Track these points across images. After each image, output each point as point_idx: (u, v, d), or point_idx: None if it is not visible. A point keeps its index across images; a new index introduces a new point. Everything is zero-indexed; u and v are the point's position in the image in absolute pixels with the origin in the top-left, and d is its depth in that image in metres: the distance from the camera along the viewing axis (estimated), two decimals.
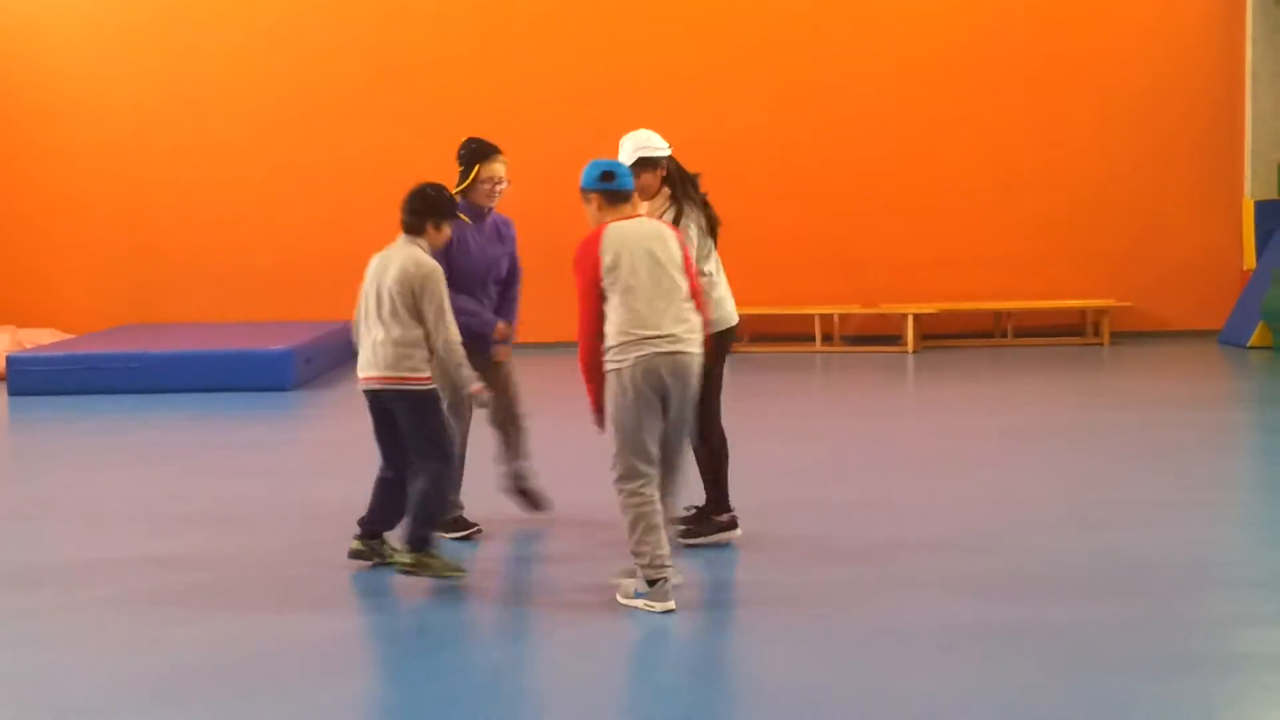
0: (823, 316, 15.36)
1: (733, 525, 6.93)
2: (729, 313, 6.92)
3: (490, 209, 7.33)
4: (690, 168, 6.91)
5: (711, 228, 6.85)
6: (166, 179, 15.99)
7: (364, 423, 6.59)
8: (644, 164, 6.61)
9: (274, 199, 15.94)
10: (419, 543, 6.36)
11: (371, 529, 6.66)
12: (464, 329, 6.53)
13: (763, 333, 15.32)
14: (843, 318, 15.63)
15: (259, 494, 8.46)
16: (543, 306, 11.45)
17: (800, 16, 15.89)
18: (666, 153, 6.73)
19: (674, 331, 5.94)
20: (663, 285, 5.98)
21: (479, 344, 7.06)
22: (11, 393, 12.88)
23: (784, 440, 9.76)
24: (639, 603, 5.88)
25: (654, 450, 5.94)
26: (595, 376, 6.03)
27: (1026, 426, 10.35)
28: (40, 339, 14.86)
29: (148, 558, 6.99)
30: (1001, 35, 15.86)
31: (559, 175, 15.36)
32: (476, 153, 7.17)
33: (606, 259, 5.96)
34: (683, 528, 6.56)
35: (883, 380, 13.20)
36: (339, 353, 14.47)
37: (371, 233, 7.44)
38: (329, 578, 6.53)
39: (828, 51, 15.87)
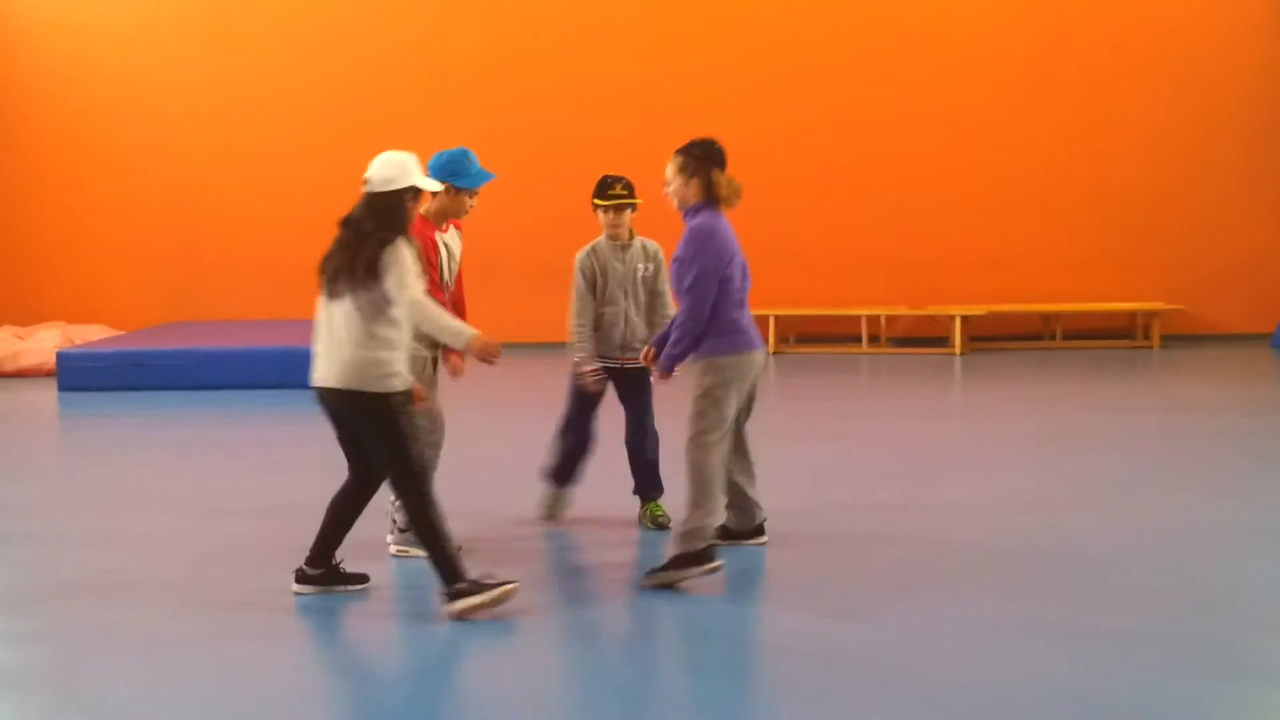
0: (870, 318, 15.30)
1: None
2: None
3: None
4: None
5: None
6: (214, 178, 16.10)
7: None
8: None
9: (320, 199, 15.88)
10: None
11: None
12: None
13: (809, 334, 15.28)
14: (890, 319, 15.57)
15: (303, 489, 8.48)
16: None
17: (847, 18, 15.85)
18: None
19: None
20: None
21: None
22: (62, 388, 12.99)
23: (828, 441, 9.71)
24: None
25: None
26: None
27: (1074, 430, 10.26)
28: (90, 335, 14.99)
29: (193, 552, 7.02)
30: (1050, 37, 15.77)
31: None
32: None
33: None
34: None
35: (930, 382, 13.13)
36: None
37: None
38: (368, 571, 6.54)
39: (874, 54, 15.83)
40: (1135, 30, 15.76)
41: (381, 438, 5.89)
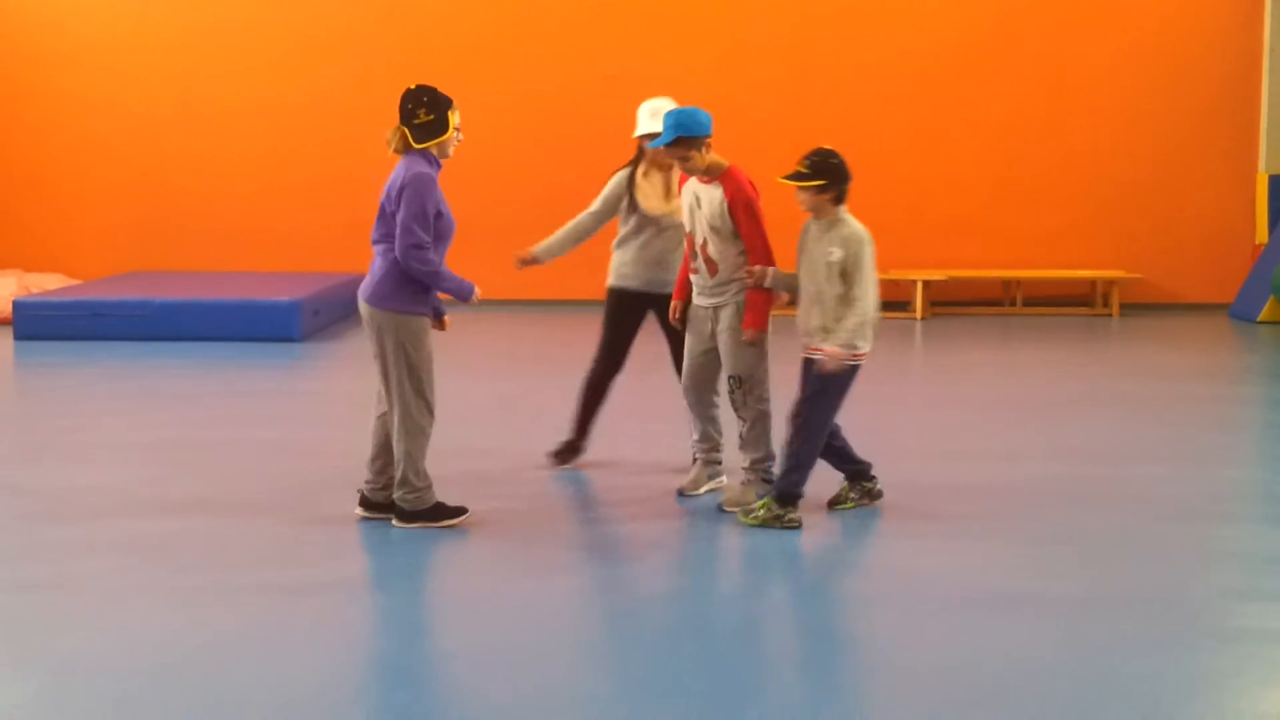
0: None
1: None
2: None
3: None
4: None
5: None
6: (176, 126, 15.94)
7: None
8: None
9: (285, 149, 15.89)
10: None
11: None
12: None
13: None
14: None
15: (262, 443, 8.45)
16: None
17: None
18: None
19: None
20: None
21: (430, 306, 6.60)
22: (18, 337, 12.88)
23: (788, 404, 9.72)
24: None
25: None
26: None
27: (1032, 396, 10.31)
28: (47, 284, 14.85)
29: (148, 503, 6.99)
30: (1015, 5, 15.75)
31: (560, 127, 15.39)
32: (447, 101, 6.43)
33: None
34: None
35: (890, 347, 13.14)
36: (347, 305, 14.43)
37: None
38: (330, 527, 6.53)
39: (843, 16, 15.78)
40: (1102, 1, 15.75)
41: None
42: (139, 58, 15.92)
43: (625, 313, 7.64)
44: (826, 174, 6.70)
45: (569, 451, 7.78)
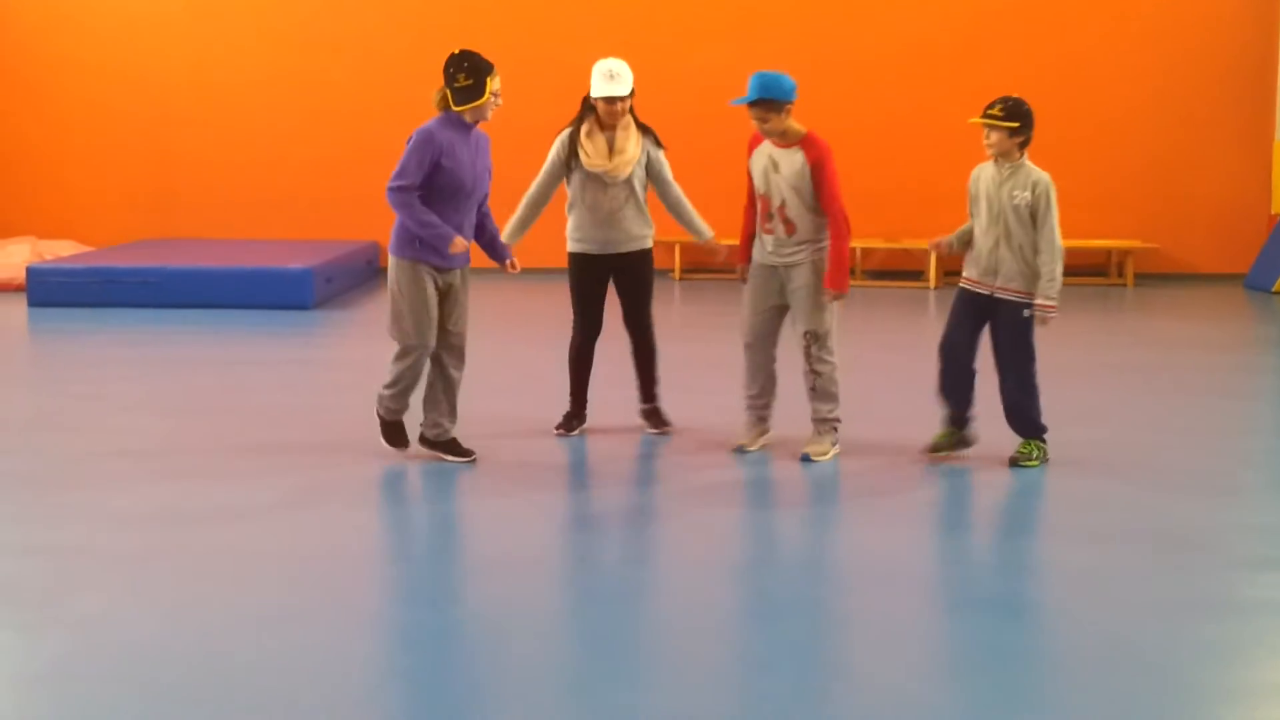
0: None
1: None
2: None
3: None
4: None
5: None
6: (189, 92, 15.92)
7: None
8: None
9: (298, 117, 15.87)
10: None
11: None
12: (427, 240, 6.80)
13: None
14: (865, 252, 15.54)
15: (277, 408, 8.46)
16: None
17: None
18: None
19: None
20: None
21: (434, 256, 6.84)
22: (31, 303, 12.91)
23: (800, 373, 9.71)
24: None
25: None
26: None
27: (1045, 365, 10.22)
28: (60, 251, 14.87)
29: (162, 467, 7.01)
30: None
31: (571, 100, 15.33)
32: (487, 66, 6.83)
33: None
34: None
35: (904, 316, 13.14)
36: (360, 273, 14.45)
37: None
38: (347, 490, 6.55)
39: None
40: None
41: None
42: (151, 26, 15.90)
43: (587, 276, 7.67)
44: (1019, 118, 7.08)
45: (571, 421, 7.84)
